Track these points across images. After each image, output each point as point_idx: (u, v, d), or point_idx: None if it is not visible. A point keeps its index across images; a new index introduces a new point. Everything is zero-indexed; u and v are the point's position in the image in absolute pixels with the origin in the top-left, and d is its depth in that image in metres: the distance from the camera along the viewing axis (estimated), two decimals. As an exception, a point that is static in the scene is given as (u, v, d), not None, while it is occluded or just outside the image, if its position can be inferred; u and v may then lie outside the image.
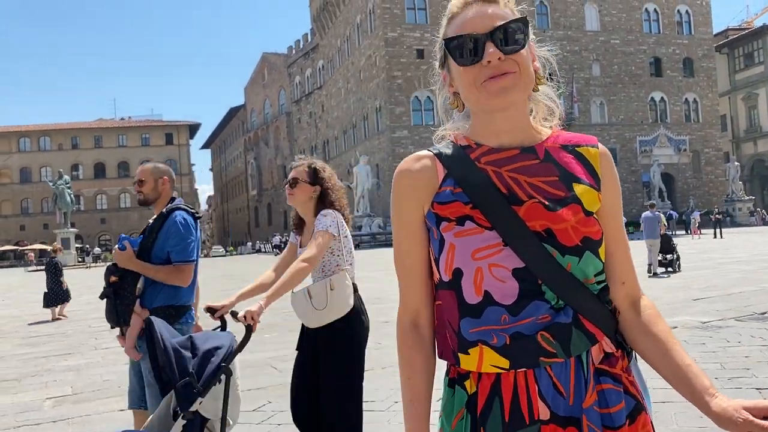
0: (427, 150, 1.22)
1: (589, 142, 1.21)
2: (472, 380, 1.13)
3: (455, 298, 1.13)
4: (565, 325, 1.09)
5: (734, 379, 4.75)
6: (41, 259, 53.99)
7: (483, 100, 1.13)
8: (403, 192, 1.20)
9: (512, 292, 1.09)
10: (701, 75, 56.30)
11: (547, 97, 1.24)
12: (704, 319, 7.57)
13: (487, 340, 1.09)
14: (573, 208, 1.11)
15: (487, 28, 1.11)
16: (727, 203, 47.75)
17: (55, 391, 5.85)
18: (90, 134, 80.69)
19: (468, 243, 1.10)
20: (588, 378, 1.11)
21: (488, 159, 1.16)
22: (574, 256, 1.10)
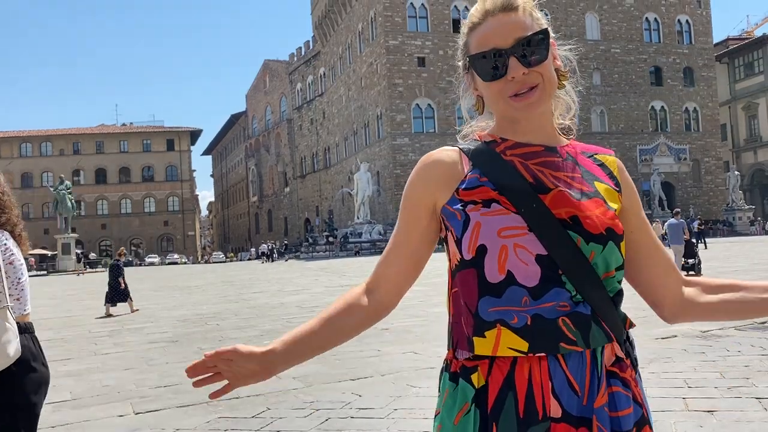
0: (452, 146, 1.24)
1: (606, 151, 1.25)
2: (481, 374, 1.11)
3: (476, 276, 1.11)
4: (585, 315, 1.09)
5: (734, 388, 4.74)
6: (41, 264, 53.98)
7: (510, 112, 1.16)
8: (421, 178, 1.20)
9: (534, 275, 1.08)
10: (701, 84, 56.44)
11: (566, 94, 1.27)
12: (704, 328, 7.56)
13: (507, 320, 1.08)
14: (596, 201, 1.14)
15: (509, 42, 1.12)
16: (727, 212, 47.77)
17: (54, 397, 5.83)
18: (91, 140, 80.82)
19: (494, 222, 1.10)
20: (601, 377, 1.10)
21: (514, 152, 1.18)
22: (598, 245, 1.10)
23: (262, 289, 19.21)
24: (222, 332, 9.78)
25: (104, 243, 79.41)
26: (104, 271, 47.95)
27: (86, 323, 12.09)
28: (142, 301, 16.88)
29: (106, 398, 5.65)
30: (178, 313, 13.06)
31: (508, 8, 1.15)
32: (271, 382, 6.32)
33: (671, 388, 4.87)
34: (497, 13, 1.15)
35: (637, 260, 1.23)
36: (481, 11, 1.17)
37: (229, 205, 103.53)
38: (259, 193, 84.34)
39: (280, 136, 77.07)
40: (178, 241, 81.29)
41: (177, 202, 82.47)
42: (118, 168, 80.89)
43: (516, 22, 1.14)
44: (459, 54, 1.25)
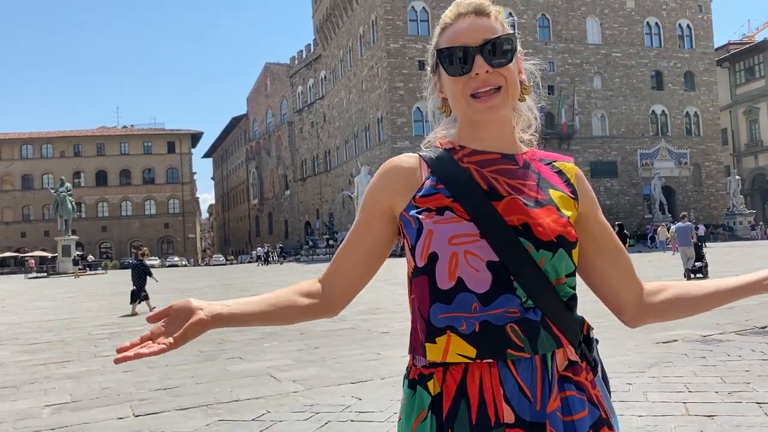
0: (414, 153, 1.26)
1: (565, 159, 1.27)
2: (436, 381, 1.13)
3: (428, 283, 1.14)
4: (534, 321, 1.10)
5: (734, 393, 4.73)
6: (41, 266, 54.02)
7: (470, 112, 1.18)
8: (380, 183, 1.23)
9: (485, 282, 1.10)
10: (702, 89, 56.48)
11: (528, 110, 1.29)
12: (704, 332, 7.55)
13: (457, 327, 1.10)
14: (549, 209, 1.15)
15: (478, 41, 1.16)
16: (728, 217, 47.76)
17: (53, 399, 5.83)
18: (92, 142, 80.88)
19: (446, 229, 1.12)
20: (552, 382, 1.11)
21: (471, 159, 1.20)
22: (548, 252, 1.12)
23: (263, 291, 19.17)
24: (222, 334, 9.76)
25: (104, 245, 79.43)
26: (104, 273, 48.06)
27: (86, 325, 12.08)
28: (142, 303, 16.87)
29: (105, 400, 5.65)
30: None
31: (480, 12, 1.19)
32: (271, 385, 6.33)
33: (672, 392, 4.86)
34: (469, 15, 1.19)
35: (599, 265, 1.24)
36: (454, 13, 1.21)
37: (230, 207, 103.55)
38: (260, 196, 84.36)
39: (281, 139, 77.11)
40: (179, 243, 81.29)
41: (177, 204, 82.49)
42: (119, 170, 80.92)
43: (486, 26, 1.18)
44: (428, 56, 1.27)
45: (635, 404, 4.58)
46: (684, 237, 15.58)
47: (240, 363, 7.22)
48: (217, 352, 8.08)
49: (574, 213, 1.19)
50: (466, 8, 1.20)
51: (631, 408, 4.48)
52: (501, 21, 1.21)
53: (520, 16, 51.32)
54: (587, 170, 51.77)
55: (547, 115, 50.43)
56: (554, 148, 50.66)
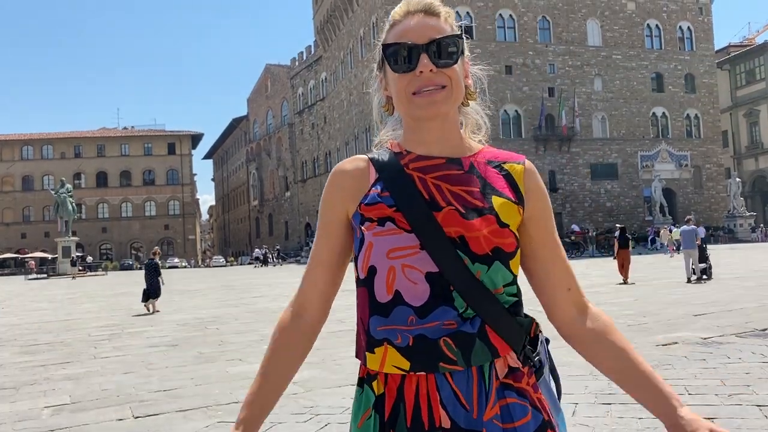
0: (364, 155, 1.26)
1: (515, 159, 1.24)
2: (380, 381, 1.15)
3: (367, 295, 1.16)
4: (469, 334, 1.11)
5: (734, 395, 4.73)
6: (42, 267, 54.01)
7: (412, 110, 1.17)
8: (332, 190, 1.23)
9: (423, 294, 1.11)
10: (703, 91, 56.48)
11: (476, 112, 1.29)
12: (705, 335, 7.55)
13: (392, 340, 1.12)
14: (488, 218, 1.14)
15: (424, 40, 1.15)
16: (728, 219, 47.75)
17: (53, 400, 5.83)
18: (93, 143, 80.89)
19: (385, 242, 1.13)
20: (489, 391, 1.12)
21: (416, 165, 1.20)
22: (483, 265, 1.12)
23: (263, 293, 19.20)
24: (222, 336, 9.77)
25: (105, 246, 79.41)
26: (104, 275, 48.06)
27: (86, 326, 12.08)
28: (141, 304, 16.87)
29: (105, 402, 5.64)
30: (178, 317, 13.05)
31: (429, 12, 1.18)
32: (271, 386, 6.27)
33: (672, 395, 4.85)
34: (418, 13, 1.18)
35: (535, 271, 1.23)
36: (403, 11, 1.20)
37: (230, 209, 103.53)
38: (260, 197, 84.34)
39: (281, 140, 77.11)
40: (179, 244, 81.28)
41: (178, 205, 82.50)
42: (119, 171, 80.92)
43: (434, 25, 1.17)
44: (376, 53, 1.25)
45: (635, 406, 4.58)
46: (688, 240, 15.91)
47: (240, 365, 7.22)
48: (217, 354, 8.08)
49: (517, 219, 1.18)
50: (415, 6, 1.19)
51: (630, 410, 4.48)
52: (450, 23, 1.20)
53: (521, 18, 51.34)
54: (587, 172, 51.82)
55: (548, 117, 50.47)
56: (555, 150, 50.74)
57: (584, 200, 51.81)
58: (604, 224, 48.08)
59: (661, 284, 15.11)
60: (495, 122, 50.01)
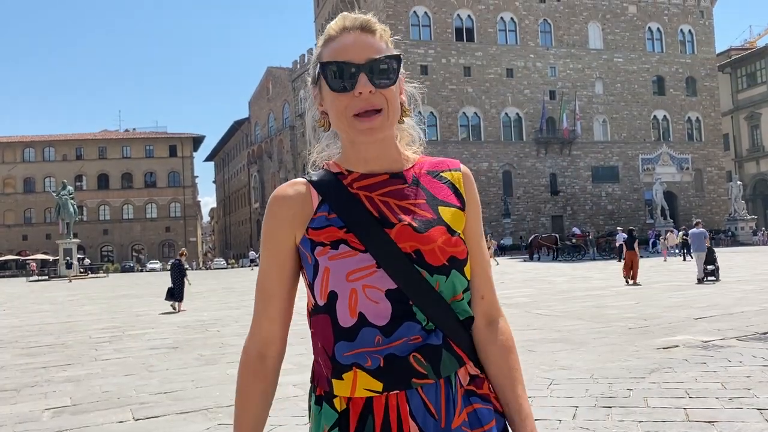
0: (301, 177, 1.24)
1: (452, 166, 1.26)
2: (342, 398, 1.14)
3: (330, 322, 1.14)
4: (435, 346, 1.13)
5: (735, 399, 4.73)
6: (43, 269, 54.02)
7: (351, 133, 1.16)
8: (275, 217, 1.20)
9: (385, 313, 1.11)
10: (704, 94, 56.50)
11: (411, 127, 1.30)
12: (705, 338, 7.54)
13: (362, 363, 1.11)
14: (439, 229, 1.16)
15: (362, 59, 1.14)
16: (730, 222, 47.69)
17: (54, 402, 5.84)
18: (94, 145, 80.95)
19: (342, 265, 1.12)
20: (456, 398, 1.14)
21: (360, 184, 1.19)
22: (441, 275, 1.14)
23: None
24: (223, 339, 9.77)
25: (106, 248, 79.40)
26: (105, 277, 48.07)
27: (87, 329, 12.08)
28: (143, 306, 16.89)
29: (105, 404, 5.65)
30: (179, 319, 13.05)
31: (366, 29, 1.17)
32: (271, 389, 6.27)
33: (672, 398, 4.86)
34: (355, 30, 1.17)
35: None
36: (339, 26, 1.19)
37: (231, 211, 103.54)
38: (261, 200, 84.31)
39: (283, 143, 77.17)
40: (180, 247, 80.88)
41: (179, 208, 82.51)
42: (121, 173, 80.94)
43: (371, 44, 1.16)
44: (311, 66, 1.24)
45: (635, 410, 4.58)
46: (698, 242, 16.45)
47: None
48: (218, 356, 8.08)
49: (463, 225, 1.20)
50: (352, 23, 1.18)
51: (631, 414, 4.48)
52: (386, 40, 1.20)
53: (522, 21, 51.39)
54: (588, 175, 51.82)
55: (549, 119, 50.50)
56: (556, 153, 50.77)
57: (585, 203, 51.81)
58: (605, 227, 48.05)
59: (662, 287, 15.10)
60: (496, 125, 50.08)
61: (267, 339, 1.22)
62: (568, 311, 10.89)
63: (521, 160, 50.33)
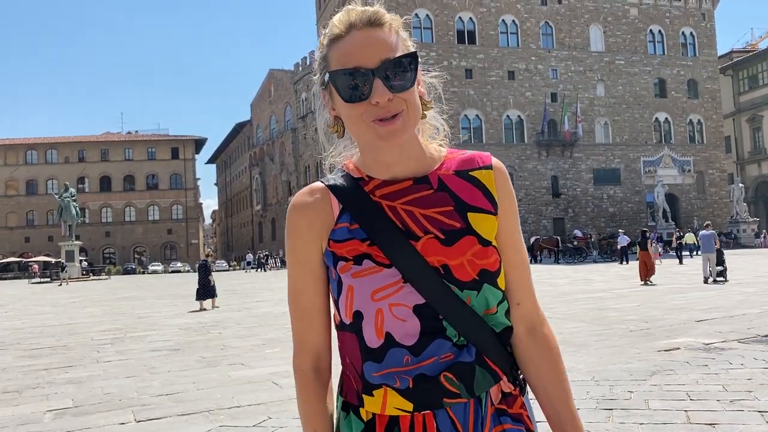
0: (320, 182, 1.17)
1: (482, 162, 1.15)
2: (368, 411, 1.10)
3: (357, 341, 1.09)
4: (468, 364, 1.07)
5: (736, 401, 4.72)
6: (45, 271, 54.06)
7: (371, 138, 1.06)
8: (298, 228, 1.13)
9: (413, 331, 1.05)
10: (705, 96, 56.47)
11: (432, 118, 1.19)
12: (707, 340, 7.53)
13: (391, 384, 1.06)
14: (468, 240, 1.08)
15: (374, 62, 1.03)
16: (732, 225, 47.64)
17: (55, 404, 5.85)
18: (96, 148, 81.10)
19: (367, 283, 1.06)
20: (485, 417, 1.08)
21: (382, 192, 1.11)
22: (472, 291, 1.07)
23: (265, 298, 19.21)
24: (224, 341, 9.78)
25: (108, 250, 79.49)
26: (107, 279, 48.10)
27: (88, 330, 12.10)
28: (145, 308, 16.91)
29: (107, 406, 5.66)
30: (180, 321, 13.06)
31: (374, 23, 1.07)
32: (273, 391, 6.33)
33: (673, 400, 4.85)
34: (362, 27, 1.06)
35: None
36: (345, 22, 1.07)
37: (233, 213, 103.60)
38: (263, 202, 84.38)
39: (285, 145, 77.21)
40: (182, 249, 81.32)
41: (181, 210, 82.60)
42: (123, 176, 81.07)
43: (382, 41, 1.05)
44: (316, 66, 1.14)
45: (636, 412, 4.58)
46: (708, 244, 16.92)
47: (242, 369, 7.22)
48: (219, 358, 8.09)
49: (495, 230, 1.12)
50: (358, 17, 1.06)
51: (632, 416, 4.48)
52: (396, 29, 1.09)
53: (523, 24, 51.40)
54: (590, 177, 51.79)
55: (551, 122, 50.49)
56: (558, 155, 50.75)
57: (587, 205, 51.78)
58: (606, 229, 48.04)
59: (664, 290, 15.09)
60: (498, 127, 50.08)
61: (317, 352, 1.17)
62: (569, 313, 10.89)
63: (523, 163, 50.32)
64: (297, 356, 1.18)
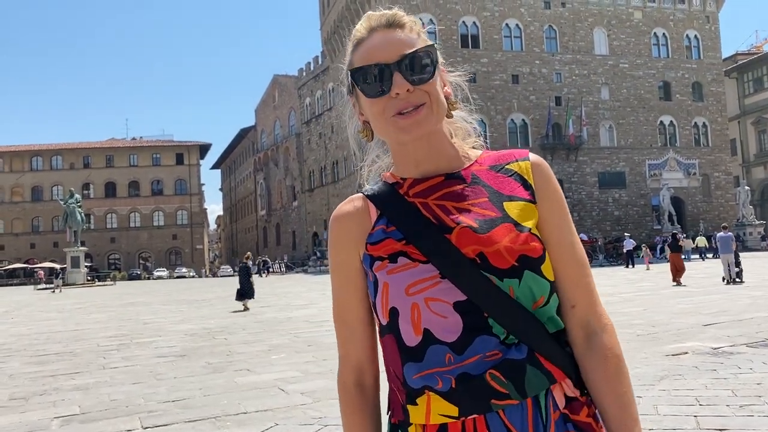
0: (359, 192, 1.18)
1: (519, 156, 1.13)
2: (417, 426, 1.04)
3: (395, 342, 1.05)
4: (517, 361, 0.99)
5: (746, 406, 4.69)
6: (50, 277, 54.22)
7: (393, 133, 1.07)
8: (338, 238, 1.14)
9: (455, 327, 1.00)
10: (710, 99, 56.35)
11: (463, 119, 1.19)
12: (715, 345, 7.49)
13: (432, 386, 1.00)
14: (505, 227, 1.03)
15: (394, 57, 1.05)
16: (738, 228, 47.45)
17: (62, 411, 5.85)
18: (101, 154, 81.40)
19: (401, 279, 1.03)
20: (548, 424, 1.00)
21: (415, 191, 1.11)
22: (513, 279, 1.00)
23: (270, 303, 19.21)
24: (230, 346, 9.78)
25: (113, 256, 79.69)
26: (113, 285, 48.22)
27: (95, 337, 12.12)
28: (150, 314, 16.94)
29: (114, 412, 5.66)
30: (186, 327, 13.07)
31: (394, 24, 1.09)
32: (280, 397, 6.31)
33: (682, 405, 4.83)
34: (382, 28, 1.09)
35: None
36: (366, 27, 1.10)
37: (238, 218, 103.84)
38: (268, 207, 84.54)
39: (289, 150, 77.37)
40: (186, 254, 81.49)
41: (186, 215, 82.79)
42: (128, 182, 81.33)
43: (402, 39, 1.07)
44: (343, 75, 1.15)
45: (645, 417, 4.55)
46: (725, 245, 17.44)
47: (248, 375, 7.21)
48: (225, 364, 8.08)
49: (536, 219, 1.07)
50: (377, 21, 1.09)
51: (641, 421, 4.45)
52: (418, 31, 1.11)
53: (527, 27, 51.42)
54: (595, 181, 51.70)
55: (555, 126, 50.46)
56: (562, 159, 50.66)
57: (592, 209, 51.67)
58: (612, 233, 47.91)
59: (670, 293, 15.03)
60: (502, 131, 50.04)
61: (360, 366, 1.15)
62: (575, 318, 10.82)
63: (527, 167, 50.25)
64: (341, 370, 1.17)
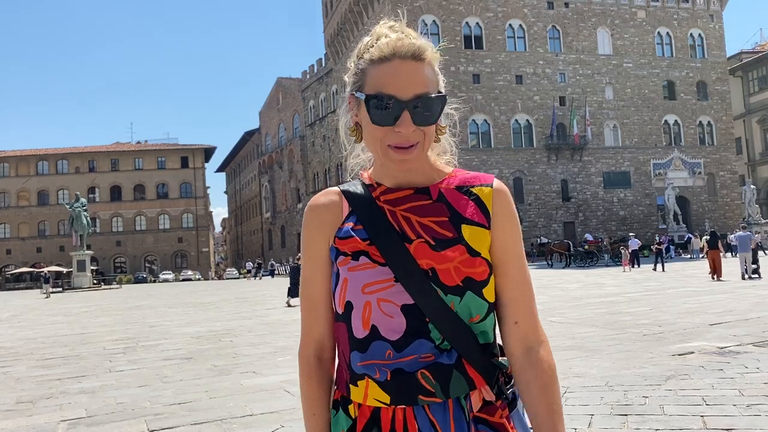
0: (337, 187, 1.27)
1: (484, 181, 1.22)
2: (355, 405, 1.17)
3: (346, 330, 1.17)
4: (446, 366, 1.12)
5: (753, 406, 4.67)
6: (57, 281, 54.42)
7: (383, 158, 1.17)
8: (311, 226, 1.24)
9: (399, 328, 1.12)
10: (715, 98, 56.17)
11: (443, 140, 1.27)
12: (721, 344, 7.46)
13: (371, 374, 1.13)
14: (458, 249, 1.14)
15: (409, 95, 1.12)
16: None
17: (69, 414, 5.86)
18: (107, 158, 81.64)
19: (360, 277, 1.14)
20: (469, 423, 1.13)
21: (386, 198, 1.21)
22: (455, 296, 1.12)
23: (276, 305, 19.22)
24: (236, 349, 9.79)
25: (119, 260, 79.89)
26: (119, 288, 48.38)
27: (101, 340, 12.15)
28: (156, 317, 16.97)
29: (120, 415, 5.67)
30: (192, 330, 13.09)
31: (416, 57, 1.14)
32: (286, 399, 6.31)
33: (689, 405, 4.81)
34: (406, 58, 1.13)
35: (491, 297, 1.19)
36: (391, 48, 1.14)
37: (243, 221, 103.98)
38: (272, 210, 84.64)
39: (293, 152, 77.46)
40: (192, 257, 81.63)
41: (191, 218, 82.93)
42: (133, 185, 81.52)
43: (420, 76, 1.13)
44: (350, 75, 1.22)
45: (651, 417, 4.54)
46: (744, 244, 18.31)
47: (254, 377, 7.22)
48: (231, 367, 8.09)
49: (488, 244, 1.17)
50: (404, 51, 1.13)
51: (647, 421, 4.44)
52: (433, 65, 1.16)
53: (530, 28, 51.38)
54: (600, 181, 51.58)
55: (559, 125, 50.37)
56: (567, 159, 50.60)
57: (597, 209, 51.55)
58: (617, 233, 47.77)
59: (676, 293, 14.98)
60: (506, 132, 50.02)
61: (320, 341, 1.26)
62: (581, 318, 10.82)
63: (532, 167, 50.21)
64: (302, 345, 1.28)
